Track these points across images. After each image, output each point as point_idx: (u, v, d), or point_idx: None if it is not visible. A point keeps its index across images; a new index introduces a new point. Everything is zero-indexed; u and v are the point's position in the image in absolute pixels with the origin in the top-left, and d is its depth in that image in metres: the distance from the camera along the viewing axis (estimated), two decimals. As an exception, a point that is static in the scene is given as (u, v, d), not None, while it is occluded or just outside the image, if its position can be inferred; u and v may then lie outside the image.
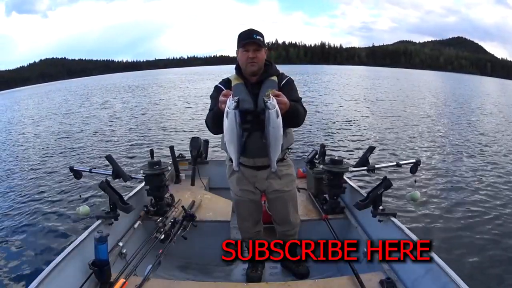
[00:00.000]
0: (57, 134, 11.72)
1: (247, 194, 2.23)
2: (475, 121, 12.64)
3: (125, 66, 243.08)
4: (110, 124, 12.89)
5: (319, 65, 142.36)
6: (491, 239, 4.09)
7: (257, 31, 1.98)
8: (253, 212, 2.35)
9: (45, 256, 3.73)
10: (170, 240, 2.37)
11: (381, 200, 2.28)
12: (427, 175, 6.28)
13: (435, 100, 20.39)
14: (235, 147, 1.79)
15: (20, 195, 5.83)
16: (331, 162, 2.80)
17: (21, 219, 4.83)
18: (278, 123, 1.70)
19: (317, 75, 49.47)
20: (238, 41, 2.00)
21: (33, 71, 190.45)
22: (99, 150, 8.78)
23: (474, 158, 7.63)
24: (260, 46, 1.97)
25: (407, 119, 12.66)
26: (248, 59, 1.95)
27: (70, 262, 1.79)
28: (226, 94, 1.74)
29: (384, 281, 1.81)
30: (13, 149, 9.94)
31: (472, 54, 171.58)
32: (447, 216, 4.68)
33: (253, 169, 2.12)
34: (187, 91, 26.66)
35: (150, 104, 18.85)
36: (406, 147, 8.63)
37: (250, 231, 2.41)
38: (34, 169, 7.54)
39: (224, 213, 2.83)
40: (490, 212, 4.77)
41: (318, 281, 2.01)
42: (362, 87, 28.96)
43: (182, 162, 3.69)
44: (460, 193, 5.51)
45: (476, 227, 4.38)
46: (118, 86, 39.28)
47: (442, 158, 7.64)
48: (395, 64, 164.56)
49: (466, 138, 9.69)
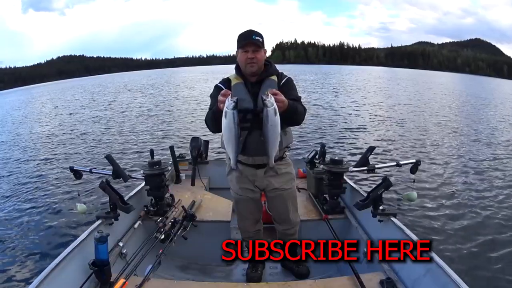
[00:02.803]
0: (60, 132, 11.77)
1: (246, 193, 2.23)
2: (484, 123, 12.54)
3: (144, 64, 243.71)
4: (112, 124, 12.90)
5: (337, 65, 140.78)
6: (491, 240, 4.09)
7: (256, 32, 1.98)
8: (253, 210, 2.35)
9: (45, 256, 3.73)
10: (170, 240, 2.37)
11: (381, 200, 2.28)
12: (428, 176, 6.28)
13: (448, 101, 20.19)
14: (233, 146, 1.82)
15: (20, 194, 5.84)
16: (331, 162, 2.81)
17: (21, 218, 4.84)
18: (276, 120, 1.72)
19: (331, 75, 49.05)
20: (237, 41, 2.01)
21: (50, 68, 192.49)
22: (99, 150, 8.78)
23: (477, 159, 7.62)
24: (259, 46, 1.98)
25: (414, 120, 12.59)
26: (247, 60, 1.97)
27: (70, 262, 1.79)
28: (225, 93, 1.75)
29: (384, 281, 1.81)
30: (14, 148, 9.92)
31: (489, 56, 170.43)
32: (447, 216, 4.68)
33: (253, 167, 2.13)
34: (195, 91, 26.40)
35: (155, 104, 18.77)
36: (408, 147, 8.63)
37: (250, 230, 2.42)
38: (36, 167, 7.57)
39: (224, 213, 2.83)
40: (490, 213, 4.78)
41: (318, 281, 2.02)
42: (374, 88, 28.62)
43: (182, 162, 3.70)
44: (461, 194, 5.50)
45: (477, 228, 4.38)
46: (130, 85, 39.18)
47: (444, 159, 7.63)
48: (413, 65, 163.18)
49: (472, 139, 9.65)
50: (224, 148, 1.96)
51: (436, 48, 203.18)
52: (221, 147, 2.14)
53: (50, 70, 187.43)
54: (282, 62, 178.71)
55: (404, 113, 14.18)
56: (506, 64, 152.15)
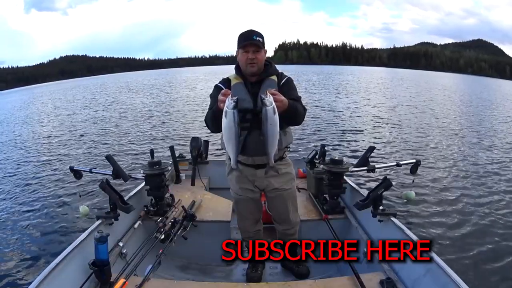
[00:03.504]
0: (60, 133, 11.79)
1: (246, 193, 2.23)
2: (486, 124, 12.49)
3: (147, 64, 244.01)
4: (112, 124, 12.91)
5: (340, 66, 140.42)
6: (492, 240, 4.09)
7: (257, 32, 1.98)
8: (253, 211, 2.35)
9: (45, 256, 3.74)
10: (170, 240, 2.37)
11: (381, 200, 2.28)
12: (428, 175, 6.27)
13: (449, 102, 20.13)
14: (233, 146, 1.81)
15: (19, 195, 5.85)
16: (331, 162, 2.81)
17: (21, 219, 4.84)
18: (275, 119, 1.71)
19: (333, 75, 48.89)
20: (238, 41, 2.01)
21: (53, 68, 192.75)
22: (100, 150, 8.78)
23: (478, 160, 7.61)
24: (260, 47, 1.98)
25: (415, 121, 12.59)
26: (248, 60, 1.97)
27: (70, 262, 1.79)
28: (225, 93, 1.75)
29: (384, 281, 1.81)
30: (14, 148, 9.92)
31: (492, 57, 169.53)
32: (447, 216, 4.68)
33: (253, 167, 2.13)
34: (196, 91, 26.43)
35: (155, 104, 18.78)
36: (409, 147, 8.63)
37: (249, 230, 2.42)
38: (35, 168, 7.57)
39: (224, 213, 2.83)
40: (491, 213, 4.77)
41: (318, 281, 2.01)
42: (375, 88, 28.67)
43: (182, 162, 3.70)
44: (461, 194, 5.50)
45: (477, 228, 4.38)
46: (132, 85, 39.44)
47: (444, 159, 7.62)
48: (416, 66, 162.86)
49: (473, 141, 9.62)
50: (224, 148, 1.96)
51: (438, 49, 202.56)
52: (221, 148, 2.14)
53: (53, 70, 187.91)
54: (285, 63, 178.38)
55: (405, 114, 14.16)
56: (508, 65, 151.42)
